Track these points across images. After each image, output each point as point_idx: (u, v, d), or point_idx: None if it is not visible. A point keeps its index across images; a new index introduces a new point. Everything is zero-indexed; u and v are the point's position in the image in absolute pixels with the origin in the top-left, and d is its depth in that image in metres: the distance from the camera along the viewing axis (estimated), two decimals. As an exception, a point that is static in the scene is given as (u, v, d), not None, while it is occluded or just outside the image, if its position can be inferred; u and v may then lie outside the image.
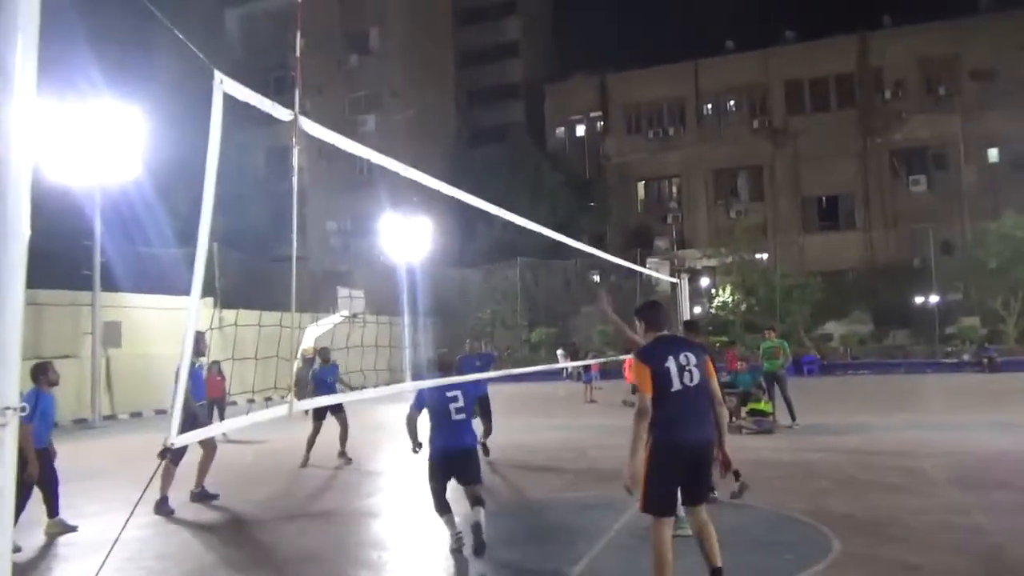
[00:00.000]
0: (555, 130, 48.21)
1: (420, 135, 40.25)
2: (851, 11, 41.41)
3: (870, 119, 41.23)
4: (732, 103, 45.18)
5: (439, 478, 5.91)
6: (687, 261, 41.20)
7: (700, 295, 36.87)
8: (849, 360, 33.06)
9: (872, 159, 41.40)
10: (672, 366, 4.34)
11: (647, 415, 4.23)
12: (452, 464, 5.88)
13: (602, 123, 47.11)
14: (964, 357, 31.09)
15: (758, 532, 6.36)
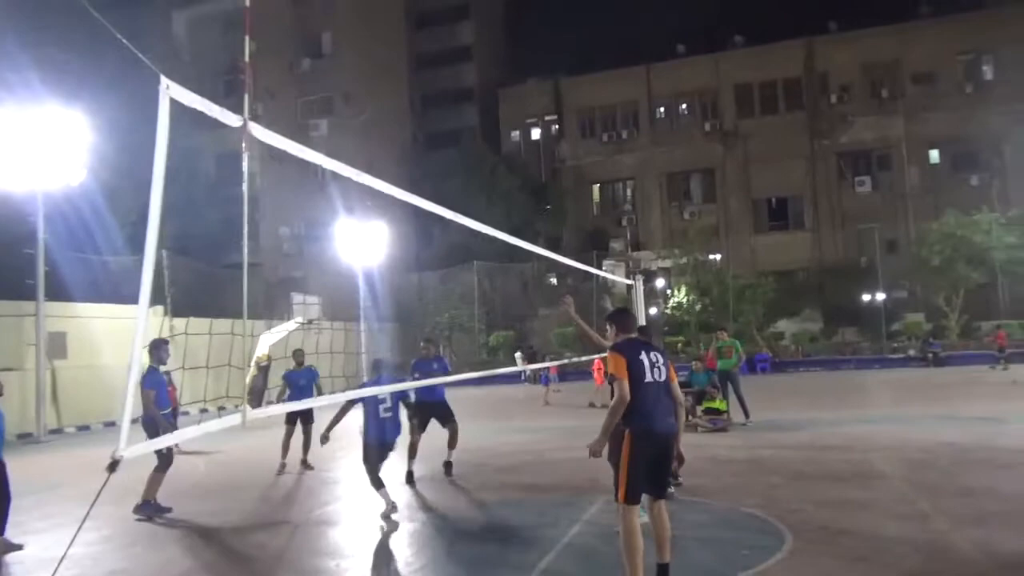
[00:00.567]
0: (510, 134, 48.25)
1: (374, 139, 39.92)
2: (798, 17, 42.28)
3: (817, 122, 42.25)
4: (684, 106, 45.80)
5: (373, 460, 7.48)
6: (642, 263, 41.63)
7: (655, 296, 37.32)
8: (801, 358, 33.79)
9: (819, 161, 42.39)
10: (645, 360, 4.72)
11: (626, 402, 4.56)
12: (382, 450, 7.55)
13: (556, 127, 47.34)
14: (910, 352, 32.09)
15: (714, 528, 6.48)
